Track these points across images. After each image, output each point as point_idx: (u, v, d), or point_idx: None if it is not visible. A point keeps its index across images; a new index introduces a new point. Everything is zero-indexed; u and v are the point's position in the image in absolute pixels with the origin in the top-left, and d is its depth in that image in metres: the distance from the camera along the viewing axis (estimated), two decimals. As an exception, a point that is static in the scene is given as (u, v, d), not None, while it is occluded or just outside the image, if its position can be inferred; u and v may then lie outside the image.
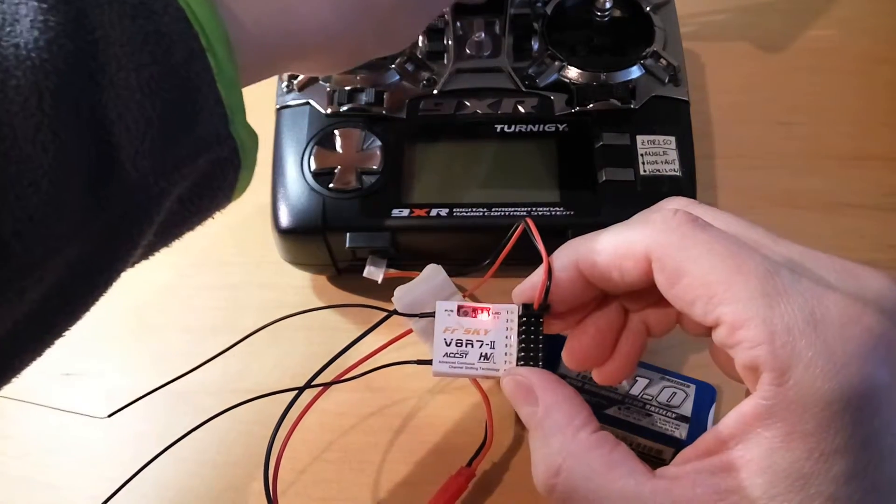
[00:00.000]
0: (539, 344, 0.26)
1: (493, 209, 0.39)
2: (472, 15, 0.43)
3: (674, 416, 0.35)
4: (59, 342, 0.25)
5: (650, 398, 0.36)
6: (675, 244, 0.22)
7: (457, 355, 0.26)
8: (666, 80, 0.42)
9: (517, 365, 0.26)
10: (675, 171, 0.39)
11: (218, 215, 0.46)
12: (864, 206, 0.45)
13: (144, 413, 0.38)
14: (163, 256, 0.45)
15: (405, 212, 0.39)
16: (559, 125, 0.41)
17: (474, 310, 0.26)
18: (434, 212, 0.39)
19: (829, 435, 0.19)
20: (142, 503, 0.37)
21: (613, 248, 0.24)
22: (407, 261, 0.41)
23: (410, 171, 0.40)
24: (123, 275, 0.47)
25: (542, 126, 0.41)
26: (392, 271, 0.41)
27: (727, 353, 0.22)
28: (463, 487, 0.35)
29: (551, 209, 0.39)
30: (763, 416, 0.20)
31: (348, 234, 0.39)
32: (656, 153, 0.40)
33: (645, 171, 0.39)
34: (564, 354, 0.28)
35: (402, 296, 0.35)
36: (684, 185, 0.39)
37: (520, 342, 0.26)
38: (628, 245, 0.24)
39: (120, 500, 0.36)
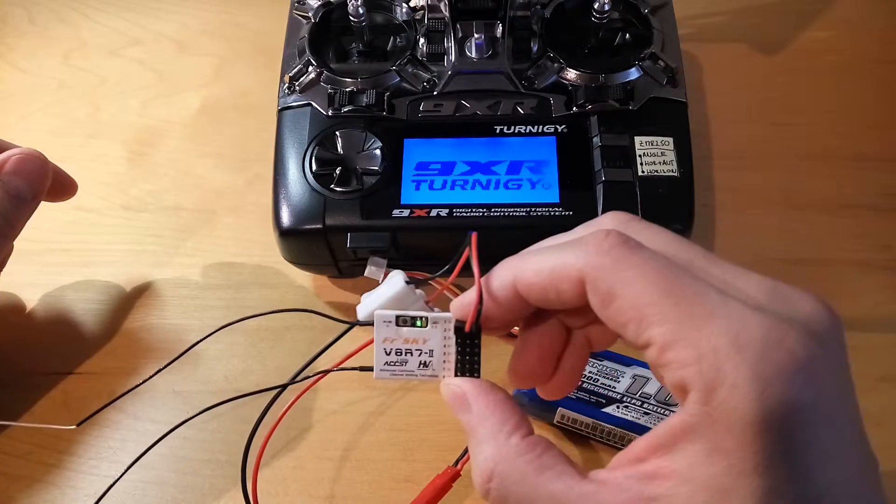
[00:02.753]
0: (475, 356, 0.27)
1: (493, 209, 0.39)
2: (472, 17, 0.44)
3: (672, 413, 0.35)
4: (62, 340, 0.25)
5: (648, 396, 0.36)
6: (607, 267, 0.23)
7: (397, 363, 0.27)
8: (664, 82, 0.42)
9: (455, 375, 0.27)
10: (672, 171, 0.40)
11: (219, 215, 0.47)
12: (860, 206, 0.45)
13: (146, 413, 0.39)
14: (163, 256, 0.46)
15: (405, 212, 0.39)
16: (558, 126, 0.41)
17: (413, 319, 0.27)
18: (434, 212, 0.39)
19: (748, 453, 0.20)
20: (138, 497, 0.37)
21: (549, 270, 0.24)
22: (407, 261, 0.41)
23: (410, 172, 0.40)
24: (124, 275, 0.47)
25: (541, 127, 0.41)
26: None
27: None
28: (447, 487, 0.35)
29: (550, 210, 0.39)
30: (688, 431, 0.21)
31: (349, 235, 0.39)
32: (654, 154, 0.40)
33: (643, 171, 0.39)
34: (508, 373, 0.28)
35: (364, 305, 0.35)
36: (682, 185, 0.39)
37: (457, 353, 0.27)
38: (563, 268, 0.24)
39: (117, 497, 0.37)
